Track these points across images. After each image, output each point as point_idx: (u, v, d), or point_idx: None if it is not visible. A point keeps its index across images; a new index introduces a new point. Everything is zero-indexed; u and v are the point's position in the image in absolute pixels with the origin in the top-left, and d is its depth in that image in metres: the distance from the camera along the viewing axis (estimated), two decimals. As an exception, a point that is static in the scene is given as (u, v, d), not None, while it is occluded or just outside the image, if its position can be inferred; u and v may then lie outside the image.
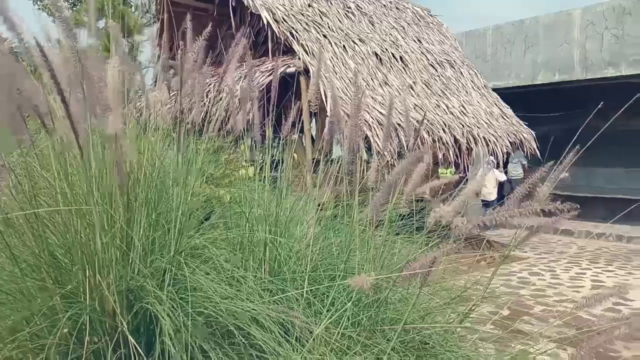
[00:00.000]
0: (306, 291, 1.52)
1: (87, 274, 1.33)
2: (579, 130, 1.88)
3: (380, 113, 5.99)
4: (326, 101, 5.16)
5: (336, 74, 6.20)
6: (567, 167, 1.44)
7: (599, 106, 1.74)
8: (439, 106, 7.27)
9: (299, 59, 5.97)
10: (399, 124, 5.47)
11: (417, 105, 6.91)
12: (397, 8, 9.17)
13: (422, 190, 1.61)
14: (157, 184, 1.72)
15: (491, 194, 9.22)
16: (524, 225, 1.68)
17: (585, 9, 10.22)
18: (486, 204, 9.08)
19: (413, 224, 2.03)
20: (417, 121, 6.01)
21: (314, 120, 7.58)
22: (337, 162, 2.09)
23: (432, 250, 1.19)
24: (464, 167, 7.02)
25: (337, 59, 6.56)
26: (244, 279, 1.51)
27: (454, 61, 8.80)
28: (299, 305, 1.50)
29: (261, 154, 2.38)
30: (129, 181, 1.53)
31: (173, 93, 2.35)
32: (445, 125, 6.83)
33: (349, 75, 6.34)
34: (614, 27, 9.76)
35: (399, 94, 6.82)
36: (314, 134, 7.31)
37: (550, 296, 5.30)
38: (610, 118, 2.07)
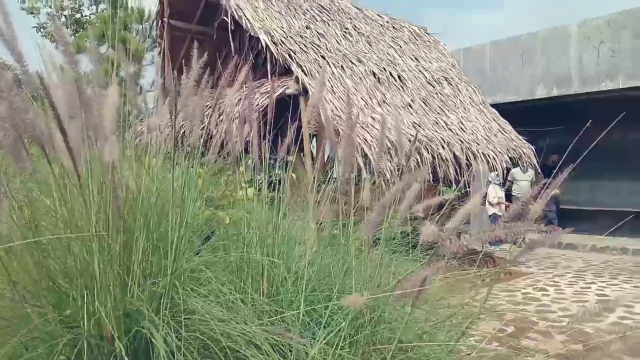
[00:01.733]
0: (303, 313, 1.53)
1: (86, 299, 1.35)
2: (572, 144, 1.91)
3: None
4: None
5: (334, 93, 6.27)
6: (558, 184, 1.47)
7: (588, 124, 1.78)
8: (437, 123, 7.33)
9: (298, 79, 6.06)
10: (397, 142, 5.51)
11: (415, 123, 6.97)
12: (394, 28, 9.31)
13: (416, 209, 1.63)
14: (156, 208, 1.75)
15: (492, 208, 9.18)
16: (519, 241, 1.70)
17: (581, 23, 10.35)
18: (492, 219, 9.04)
19: (409, 242, 2.05)
20: (415, 139, 6.05)
21: (314, 139, 7.64)
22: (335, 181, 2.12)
23: (424, 268, 1.20)
24: (465, 184, 7.04)
25: (336, 79, 6.64)
26: (241, 301, 1.53)
27: (452, 78, 8.89)
28: (296, 326, 1.51)
29: (260, 175, 2.41)
30: (127, 206, 1.56)
31: (172, 117, 2.39)
32: (444, 141, 6.87)
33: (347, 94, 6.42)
34: (610, 41, 9.87)
35: (398, 112, 6.88)
36: (314, 153, 7.36)
37: (554, 311, 5.27)
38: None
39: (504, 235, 1.23)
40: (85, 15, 16.15)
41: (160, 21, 8.08)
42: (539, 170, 8.55)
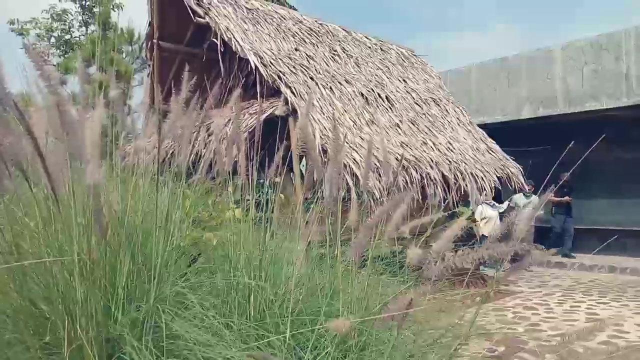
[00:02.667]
0: (289, 336, 1.51)
1: (67, 325, 1.32)
2: (557, 164, 1.93)
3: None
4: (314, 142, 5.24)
5: (323, 114, 6.31)
6: (541, 206, 1.48)
7: (570, 145, 1.80)
8: (425, 143, 7.38)
9: (287, 100, 6.09)
10: (387, 162, 5.53)
11: (403, 143, 7.02)
12: (381, 49, 9.44)
13: (403, 230, 1.63)
14: (142, 230, 1.73)
15: (484, 228, 9.19)
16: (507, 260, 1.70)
17: (565, 45, 10.58)
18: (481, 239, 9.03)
19: (397, 262, 2.04)
20: (403, 158, 6.09)
21: (304, 159, 7.65)
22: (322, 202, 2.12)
23: (411, 290, 1.20)
24: (454, 203, 7.07)
25: (324, 100, 6.69)
26: (226, 325, 1.51)
27: (439, 99, 9.00)
28: (282, 351, 1.48)
29: (248, 195, 2.40)
30: (110, 228, 1.54)
31: (158, 138, 2.39)
32: (432, 161, 6.92)
33: (336, 115, 6.47)
34: (593, 62, 10.09)
35: (387, 132, 6.94)
36: (304, 173, 7.36)
37: (544, 330, 5.25)
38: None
39: (487, 256, 1.23)
40: (75, 37, 16.22)
41: (149, 42, 8.11)
42: (525, 189, 8.63)
